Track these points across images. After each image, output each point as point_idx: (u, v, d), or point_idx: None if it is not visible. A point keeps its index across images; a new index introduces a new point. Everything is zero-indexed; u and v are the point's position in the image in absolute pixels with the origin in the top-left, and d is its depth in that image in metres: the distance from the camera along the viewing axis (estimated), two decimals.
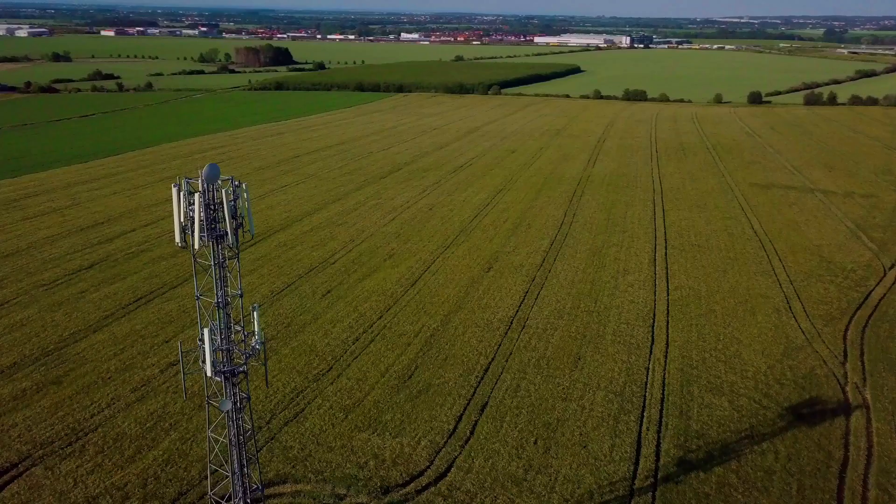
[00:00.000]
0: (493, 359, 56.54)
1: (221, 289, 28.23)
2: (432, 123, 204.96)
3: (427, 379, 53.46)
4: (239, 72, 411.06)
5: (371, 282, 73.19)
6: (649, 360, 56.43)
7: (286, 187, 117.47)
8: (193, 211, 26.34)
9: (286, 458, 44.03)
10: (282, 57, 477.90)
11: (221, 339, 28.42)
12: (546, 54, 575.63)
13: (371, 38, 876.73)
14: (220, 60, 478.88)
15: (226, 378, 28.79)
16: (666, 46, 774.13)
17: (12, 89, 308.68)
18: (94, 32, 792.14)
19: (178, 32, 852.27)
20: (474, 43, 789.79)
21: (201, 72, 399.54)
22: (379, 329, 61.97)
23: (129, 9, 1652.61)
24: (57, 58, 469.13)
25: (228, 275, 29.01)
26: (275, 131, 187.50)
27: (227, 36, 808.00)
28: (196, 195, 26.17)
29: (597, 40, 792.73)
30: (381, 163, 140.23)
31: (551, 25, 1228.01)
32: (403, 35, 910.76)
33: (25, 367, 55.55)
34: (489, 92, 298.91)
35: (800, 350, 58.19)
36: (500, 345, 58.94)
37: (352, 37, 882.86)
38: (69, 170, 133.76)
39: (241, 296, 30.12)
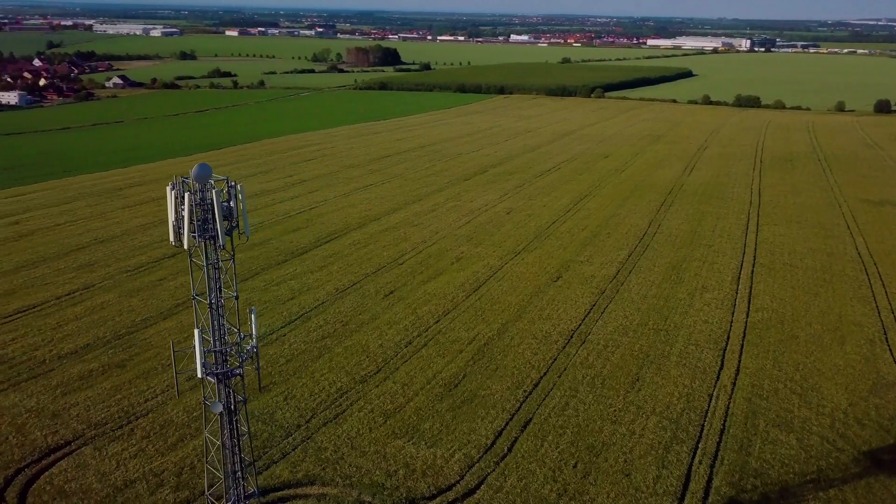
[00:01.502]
0: (545, 373, 54.28)
1: (215, 290, 27.78)
2: (528, 126, 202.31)
3: (473, 389, 51.97)
4: (347, 71, 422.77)
5: (434, 285, 72.37)
6: (714, 386, 52.43)
7: (370, 186, 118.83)
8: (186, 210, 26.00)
9: (318, 459, 43.82)
10: (390, 57, 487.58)
11: (214, 340, 28.09)
12: (657, 57, 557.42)
13: (480, 39, 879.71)
14: (331, 60, 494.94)
15: (219, 380, 28.53)
16: (790, 50, 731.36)
17: (140, 85, 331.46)
18: (219, 32, 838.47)
19: (295, 33, 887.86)
20: (575, 44, 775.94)
21: (312, 71, 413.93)
22: (433, 334, 61.01)
23: (253, 10, 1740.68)
24: (183, 56, 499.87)
25: (221, 275, 28.55)
26: (371, 130, 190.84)
27: (341, 36, 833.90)
28: (186, 194, 25.95)
29: (714, 43, 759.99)
30: (469, 164, 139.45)
31: (666, 28, 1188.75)
32: (513, 37, 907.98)
33: (97, 348, 58.46)
34: (592, 95, 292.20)
35: (890, 388, 52.38)
36: (555, 359, 56.56)
37: (461, 38, 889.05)
38: (174, 161, 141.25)
39: (237, 298, 29.77)
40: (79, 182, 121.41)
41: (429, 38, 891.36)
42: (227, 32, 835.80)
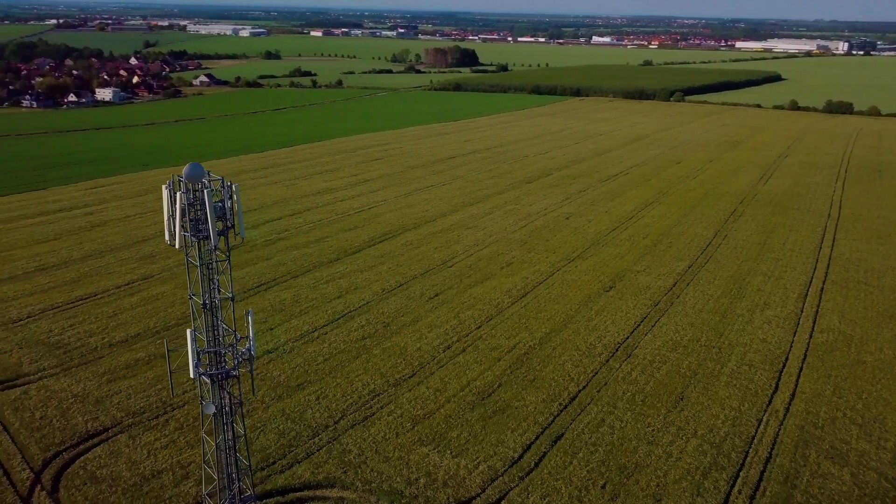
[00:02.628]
0: (583, 387, 52.30)
1: (209, 290, 27.58)
2: (599, 129, 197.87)
3: (507, 399, 50.58)
4: (424, 72, 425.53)
5: (481, 289, 71.18)
6: (765, 410, 49.18)
7: (431, 187, 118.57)
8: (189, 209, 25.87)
9: (341, 461, 43.50)
10: (467, 58, 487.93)
11: (208, 341, 27.93)
12: (745, 60, 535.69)
13: (561, 41, 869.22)
14: (410, 60, 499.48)
15: (213, 381, 28.37)
16: (893, 54, 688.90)
17: (225, 83, 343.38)
18: (304, 33, 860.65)
19: (377, 34, 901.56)
20: (654, 46, 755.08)
21: (389, 71, 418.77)
22: (473, 340, 59.88)
23: (339, 11, 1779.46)
24: (268, 56, 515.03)
25: (216, 275, 28.34)
26: (440, 131, 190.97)
27: (422, 37, 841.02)
28: (178, 193, 25.81)
29: (808, 46, 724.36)
30: (533, 167, 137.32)
31: (758, 30, 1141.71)
32: (595, 38, 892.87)
33: (145, 338, 60.23)
34: (671, 98, 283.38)
35: None
36: (596, 373, 54.45)
37: (542, 40, 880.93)
38: (245, 158, 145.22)
39: (233, 299, 29.52)
40: (153, 175, 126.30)
41: (509, 39, 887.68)
42: (312, 33, 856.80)
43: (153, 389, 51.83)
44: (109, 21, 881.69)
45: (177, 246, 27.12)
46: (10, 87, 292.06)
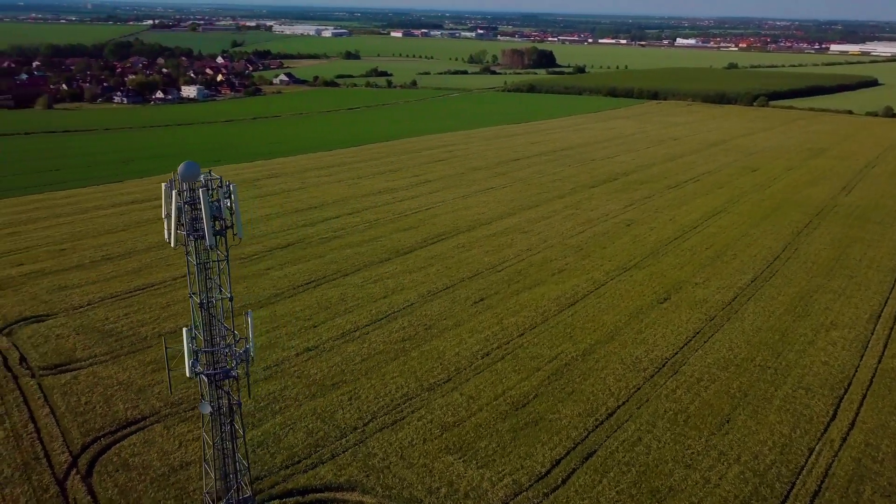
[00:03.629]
0: (623, 402, 50.17)
1: (205, 290, 27.47)
2: (674, 133, 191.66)
3: (541, 411, 49.04)
4: (500, 73, 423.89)
5: (528, 296, 69.61)
6: (819, 440, 45.83)
7: (491, 189, 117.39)
8: (190, 208, 25.81)
9: (365, 465, 43.09)
10: (545, 59, 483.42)
11: (205, 340, 27.82)
12: (840, 64, 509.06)
13: (643, 42, 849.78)
14: (486, 62, 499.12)
15: (209, 381, 28.27)
16: None
17: (303, 82, 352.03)
18: (385, 34, 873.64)
19: (457, 34, 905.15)
20: (737, 48, 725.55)
21: (465, 72, 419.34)
22: (514, 348, 58.50)
23: (421, 12, 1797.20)
24: (348, 56, 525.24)
25: (213, 274, 28.17)
26: (509, 133, 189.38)
27: (501, 38, 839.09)
28: (173, 192, 25.75)
29: None
30: (599, 171, 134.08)
31: (856, 32, 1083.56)
32: (679, 40, 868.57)
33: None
34: (754, 103, 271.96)
35: None
36: (638, 388, 52.16)
37: (623, 41, 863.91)
38: (313, 156, 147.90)
39: (231, 299, 29.31)
40: (223, 171, 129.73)
41: (589, 40, 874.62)
42: (392, 34, 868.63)
43: (193, 381, 52.82)
44: (201, 21, 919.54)
45: (172, 245, 27.14)
46: (105, 83, 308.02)
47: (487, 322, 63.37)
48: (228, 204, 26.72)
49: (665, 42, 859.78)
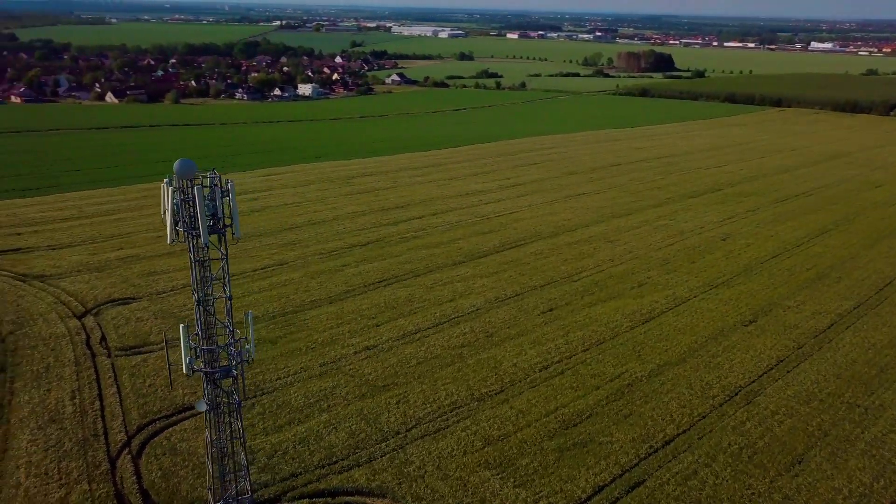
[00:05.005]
0: (683, 431, 46.66)
1: (203, 288, 27.30)
2: (793, 143, 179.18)
3: (592, 433, 46.44)
4: (613, 76, 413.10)
5: (601, 309, 66.53)
6: None
7: (582, 195, 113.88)
8: (189, 205, 25.73)
9: (399, 472, 42.27)
10: (662, 63, 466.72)
11: (202, 338, 27.69)
12: None
13: (772, 46, 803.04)
14: (601, 64, 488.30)
15: (206, 378, 28.14)
16: None
17: (414, 82, 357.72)
18: (501, 35, 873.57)
19: (574, 37, 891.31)
20: (879, 53, 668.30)
21: (576, 74, 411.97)
22: (575, 363, 55.91)
23: (540, 14, 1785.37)
24: (462, 57, 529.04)
25: (209, 272, 27.93)
26: (612, 137, 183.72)
27: (619, 41, 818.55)
28: (169, 189, 25.67)
29: None
30: (702, 181, 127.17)
31: None
32: (813, 44, 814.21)
33: (261, 322, 63.17)
34: (890, 113, 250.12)
35: None
36: (703, 417, 48.40)
37: (751, 45, 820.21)
38: (411, 156, 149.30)
39: (230, 298, 29.00)
40: (321, 168, 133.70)
41: (714, 44, 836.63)
42: (508, 35, 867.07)
43: (251, 372, 53.95)
44: (325, 22, 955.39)
45: (168, 241, 27.24)
46: (229, 80, 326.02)
47: (552, 334, 61.03)
48: (223, 202, 26.44)
49: (798, 46, 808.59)
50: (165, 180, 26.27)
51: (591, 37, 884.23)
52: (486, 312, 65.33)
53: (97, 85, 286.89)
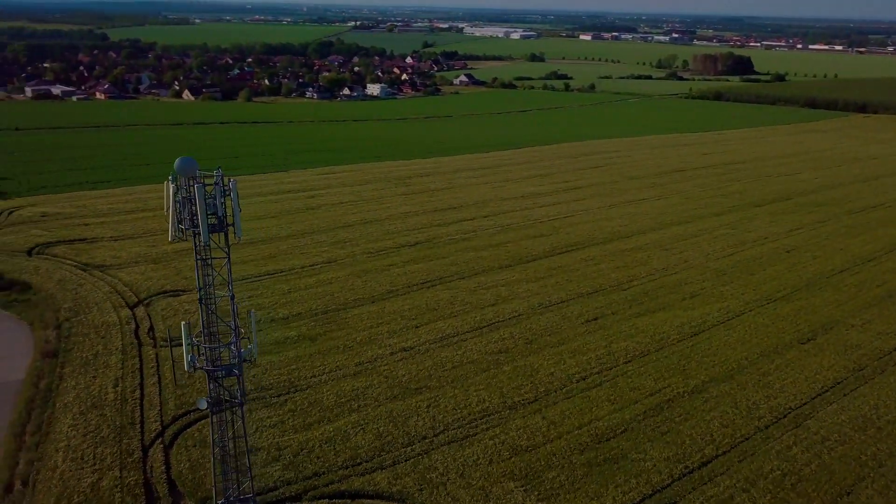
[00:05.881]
0: (723, 453, 44.34)
1: (204, 285, 27.23)
2: (875, 151, 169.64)
3: (625, 449, 44.67)
4: (687, 79, 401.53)
5: (647, 320, 64.20)
6: None
7: (641, 201, 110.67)
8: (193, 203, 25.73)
9: (422, 478, 41.68)
10: (740, 66, 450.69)
11: (204, 336, 27.65)
12: None
13: (862, 49, 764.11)
14: (675, 67, 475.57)
15: (209, 376, 28.10)
16: None
17: (482, 83, 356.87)
18: (573, 36, 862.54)
19: (649, 38, 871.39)
20: None
21: (649, 77, 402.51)
22: (615, 375, 54.04)
23: (616, 15, 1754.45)
24: (532, 58, 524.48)
25: (213, 271, 27.78)
26: (680, 142, 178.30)
27: (697, 43, 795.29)
28: (171, 187, 25.65)
29: None
30: (771, 189, 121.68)
31: None
32: None
33: (304, 318, 63.76)
34: None
35: None
36: (746, 438, 45.88)
37: (839, 47, 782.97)
38: (470, 157, 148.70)
39: (233, 297, 28.82)
40: (380, 167, 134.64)
41: (798, 46, 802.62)
42: (582, 37, 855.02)
43: (287, 369, 54.47)
44: (399, 23, 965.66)
45: (170, 239, 27.34)
46: (301, 80, 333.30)
47: (594, 344, 59.23)
48: (224, 201, 26.35)
49: (890, 49, 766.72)
50: (170, 177, 26.43)
51: (667, 38, 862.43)
52: (528, 318, 64.03)
53: (176, 83, 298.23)
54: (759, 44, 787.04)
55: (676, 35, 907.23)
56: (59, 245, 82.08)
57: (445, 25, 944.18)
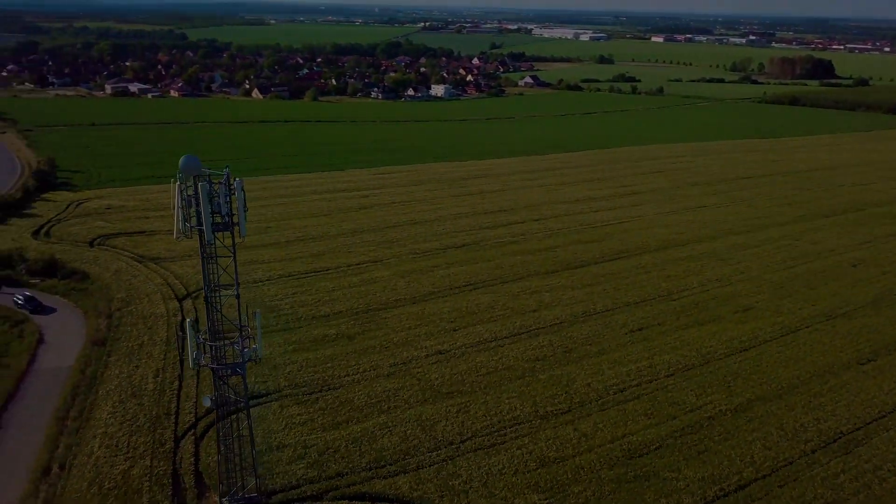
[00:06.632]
0: (763, 476, 42.07)
1: (208, 283, 27.19)
2: None
3: (657, 467, 42.92)
4: (762, 83, 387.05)
5: (695, 332, 61.73)
6: None
7: (702, 208, 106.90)
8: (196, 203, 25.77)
9: (444, 485, 41.06)
10: (820, 69, 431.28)
11: (209, 333, 27.64)
12: None
13: None
14: (751, 70, 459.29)
15: (214, 374, 28.10)
16: None
17: (547, 85, 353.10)
18: (645, 38, 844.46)
19: (724, 41, 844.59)
20: None
21: (721, 80, 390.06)
22: (654, 389, 52.10)
23: (691, 17, 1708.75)
24: (601, 60, 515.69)
25: (216, 269, 27.65)
26: (747, 148, 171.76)
27: (775, 45, 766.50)
28: (176, 186, 25.68)
29: None
30: (842, 199, 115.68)
31: None
32: None
33: (344, 317, 64.02)
34: None
35: None
36: (790, 463, 43.41)
37: None
38: (527, 159, 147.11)
39: (238, 296, 28.69)
40: (435, 168, 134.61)
41: (886, 49, 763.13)
42: (654, 38, 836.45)
43: (323, 366, 54.74)
44: (468, 24, 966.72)
45: (175, 236, 27.45)
46: (366, 80, 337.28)
47: (636, 355, 57.31)
48: (228, 199, 26.30)
49: None
50: (178, 175, 26.59)
51: (743, 41, 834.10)
52: (570, 326, 62.53)
53: (246, 81, 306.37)
54: (842, 46, 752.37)
55: (753, 37, 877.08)
56: (120, 237, 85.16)
57: (514, 27, 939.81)
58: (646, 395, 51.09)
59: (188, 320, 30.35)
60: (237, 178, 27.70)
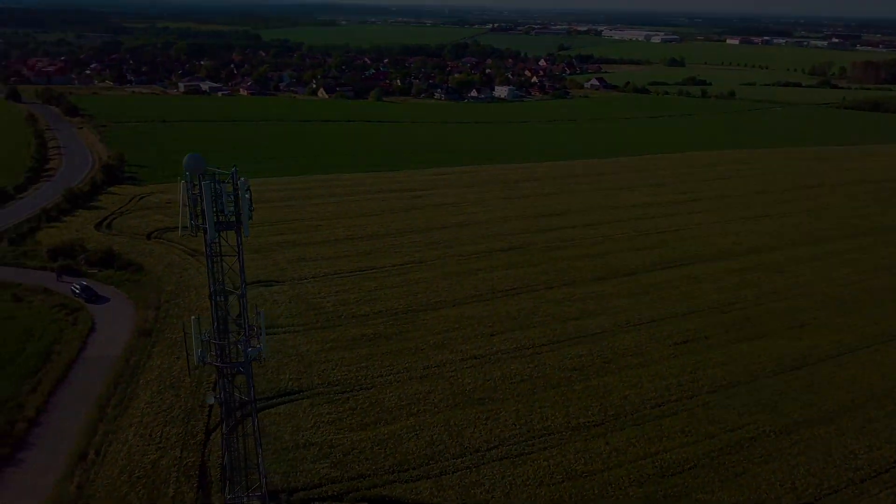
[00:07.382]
0: None
1: (213, 281, 27.16)
2: None
3: (691, 488, 41.07)
4: (843, 87, 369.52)
5: (745, 347, 59.00)
6: None
7: (766, 217, 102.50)
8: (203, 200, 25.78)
9: (466, 493, 40.35)
10: None
11: (214, 331, 27.63)
12: None
13: None
14: (831, 74, 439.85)
15: (219, 373, 28.09)
16: None
17: (614, 87, 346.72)
18: (720, 40, 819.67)
19: (804, 43, 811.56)
20: None
21: (798, 84, 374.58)
22: (695, 405, 49.97)
23: (771, 18, 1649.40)
24: (672, 62, 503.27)
25: (221, 267, 27.53)
26: (819, 155, 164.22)
27: (860, 48, 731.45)
28: (182, 184, 25.69)
29: None
30: None
31: None
32: None
33: (383, 317, 64.01)
34: None
35: None
36: (835, 491, 40.85)
37: None
38: (587, 162, 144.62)
39: (244, 295, 28.54)
40: (490, 170, 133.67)
41: None
42: (728, 41, 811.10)
43: (357, 365, 54.79)
44: (537, 25, 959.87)
45: (180, 234, 27.52)
46: (431, 80, 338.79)
47: (679, 368, 55.18)
48: (225, 199, 26.19)
49: None
50: (186, 173, 26.75)
51: (825, 43, 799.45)
52: (612, 336, 60.77)
53: (313, 81, 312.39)
54: None
55: (837, 40, 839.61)
56: (175, 230, 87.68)
57: (584, 28, 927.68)
58: (685, 411, 49.07)
59: (192, 318, 30.60)
60: (242, 178, 27.70)
